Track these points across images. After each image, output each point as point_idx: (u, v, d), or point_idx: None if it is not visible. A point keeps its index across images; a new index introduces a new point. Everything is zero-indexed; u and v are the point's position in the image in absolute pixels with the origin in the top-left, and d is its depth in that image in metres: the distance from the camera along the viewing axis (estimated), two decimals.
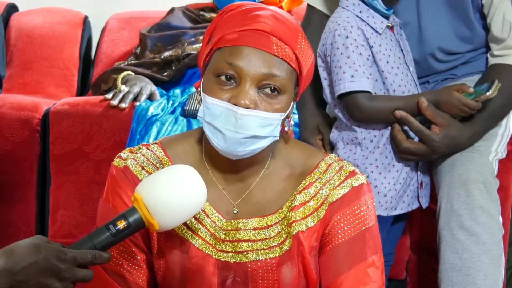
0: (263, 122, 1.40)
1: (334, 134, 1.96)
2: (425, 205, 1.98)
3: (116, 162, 1.53)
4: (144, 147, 1.55)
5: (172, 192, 1.33)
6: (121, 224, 1.31)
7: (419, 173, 1.95)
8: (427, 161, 1.99)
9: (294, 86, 1.45)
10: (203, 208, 1.50)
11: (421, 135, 1.85)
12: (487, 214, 1.84)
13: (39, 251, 1.25)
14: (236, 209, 1.51)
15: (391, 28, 1.92)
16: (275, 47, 1.40)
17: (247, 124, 1.39)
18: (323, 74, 1.94)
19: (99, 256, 1.30)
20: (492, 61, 1.97)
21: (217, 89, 1.41)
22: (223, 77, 1.41)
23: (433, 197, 2.11)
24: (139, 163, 1.51)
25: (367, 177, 1.86)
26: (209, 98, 1.42)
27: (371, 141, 1.89)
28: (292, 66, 1.43)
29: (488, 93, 1.83)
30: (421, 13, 2.00)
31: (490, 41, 1.99)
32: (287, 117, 1.48)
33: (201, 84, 1.47)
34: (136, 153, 1.54)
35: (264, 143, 1.43)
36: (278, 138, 1.45)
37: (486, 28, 2.00)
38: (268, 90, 1.41)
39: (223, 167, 1.50)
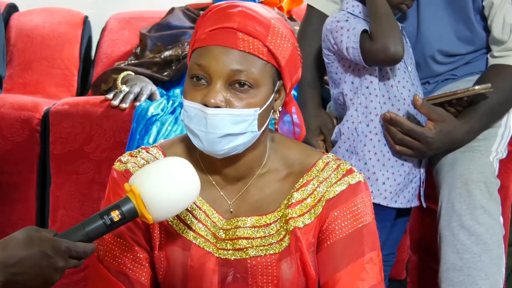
0: (235, 119, 1.41)
1: (336, 134, 1.96)
2: (425, 204, 1.98)
3: (117, 165, 1.54)
4: (143, 150, 1.56)
5: (169, 187, 1.34)
6: (115, 214, 1.32)
7: (421, 171, 1.95)
8: (428, 160, 1.99)
9: (272, 78, 1.46)
10: (203, 209, 1.52)
11: (414, 133, 1.85)
12: (488, 214, 1.84)
13: (33, 243, 1.27)
14: (232, 209, 1.52)
15: None
16: (241, 43, 1.41)
17: (217, 123, 1.40)
18: (332, 68, 1.95)
19: (90, 251, 1.31)
20: (492, 61, 1.97)
21: (192, 91, 1.43)
22: (195, 79, 1.43)
23: (433, 197, 2.11)
24: (140, 167, 1.52)
25: (365, 164, 1.88)
26: (185, 101, 1.44)
27: (368, 125, 1.89)
28: (264, 59, 1.43)
29: (476, 87, 1.83)
30: (422, 16, 2.00)
31: (490, 43, 1.99)
32: (273, 110, 1.49)
33: None
34: (136, 156, 1.55)
35: (243, 140, 1.44)
36: (258, 133, 1.45)
37: (487, 29, 2.00)
38: (239, 86, 1.41)
39: (217, 167, 1.51)
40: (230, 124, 1.41)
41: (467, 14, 1.98)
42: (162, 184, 1.34)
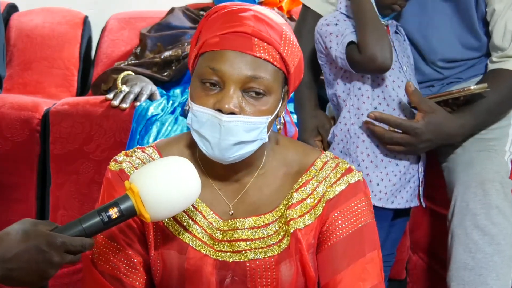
0: (248, 126, 1.40)
1: (331, 135, 1.96)
2: (424, 204, 1.98)
3: (112, 165, 1.54)
4: (139, 150, 1.55)
5: (168, 187, 1.33)
6: (113, 211, 1.31)
7: (420, 170, 1.95)
8: (426, 159, 1.99)
9: (281, 85, 1.45)
10: (200, 210, 1.51)
11: (402, 127, 1.84)
12: (502, 215, 1.83)
13: (29, 237, 1.27)
14: (232, 211, 1.52)
15: (387, 27, 1.93)
16: (257, 49, 1.39)
17: (232, 130, 1.39)
18: (326, 69, 1.95)
19: (88, 245, 1.31)
20: (491, 67, 1.97)
21: (203, 96, 1.41)
22: (207, 83, 1.41)
23: (433, 197, 2.11)
24: (135, 166, 1.51)
25: (358, 165, 1.88)
26: (195, 105, 1.42)
27: (360, 127, 1.89)
28: (277, 66, 1.42)
29: (472, 87, 1.83)
30: (427, 24, 1.99)
31: (490, 49, 1.99)
32: (277, 116, 1.48)
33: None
34: (132, 156, 1.54)
35: (252, 147, 1.43)
36: (266, 140, 1.45)
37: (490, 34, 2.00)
38: (253, 93, 1.40)
39: (218, 169, 1.50)
40: (243, 132, 1.40)
41: (472, 23, 1.97)
42: (162, 183, 1.33)
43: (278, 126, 1.51)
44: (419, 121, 1.84)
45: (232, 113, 1.38)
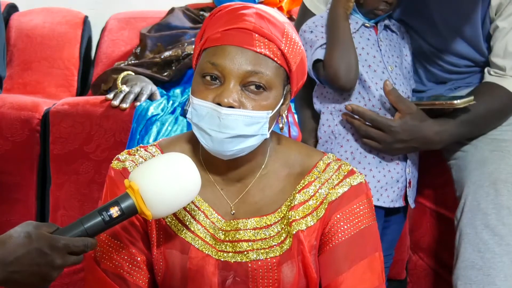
0: (248, 120, 1.40)
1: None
2: (412, 205, 1.97)
3: (115, 164, 1.54)
4: (142, 149, 1.55)
5: (168, 183, 1.33)
6: (114, 210, 1.32)
7: (407, 171, 1.94)
8: (418, 160, 1.98)
9: (283, 82, 1.46)
10: (202, 209, 1.51)
11: (377, 123, 1.84)
12: None
13: (31, 240, 1.27)
14: (234, 211, 1.52)
15: (374, 27, 1.93)
16: (257, 44, 1.40)
17: (231, 123, 1.40)
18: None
19: (90, 244, 1.31)
20: (487, 78, 1.94)
21: (203, 90, 1.42)
22: (208, 77, 1.42)
23: (434, 197, 2.10)
24: (138, 165, 1.51)
25: None
26: (195, 99, 1.43)
27: (344, 127, 1.90)
28: (278, 63, 1.43)
29: (455, 101, 1.82)
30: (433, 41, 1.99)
31: (489, 62, 1.95)
32: (279, 115, 1.49)
33: None
34: (134, 155, 1.54)
35: (252, 142, 1.43)
36: (267, 136, 1.45)
37: None
38: (253, 87, 1.41)
39: (220, 167, 1.51)
40: (243, 125, 1.40)
41: (478, 41, 1.96)
42: (161, 179, 1.33)
43: (281, 125, 1.51)
44: (395, 120, 1.84)
45: (231, 107, 1.39)
